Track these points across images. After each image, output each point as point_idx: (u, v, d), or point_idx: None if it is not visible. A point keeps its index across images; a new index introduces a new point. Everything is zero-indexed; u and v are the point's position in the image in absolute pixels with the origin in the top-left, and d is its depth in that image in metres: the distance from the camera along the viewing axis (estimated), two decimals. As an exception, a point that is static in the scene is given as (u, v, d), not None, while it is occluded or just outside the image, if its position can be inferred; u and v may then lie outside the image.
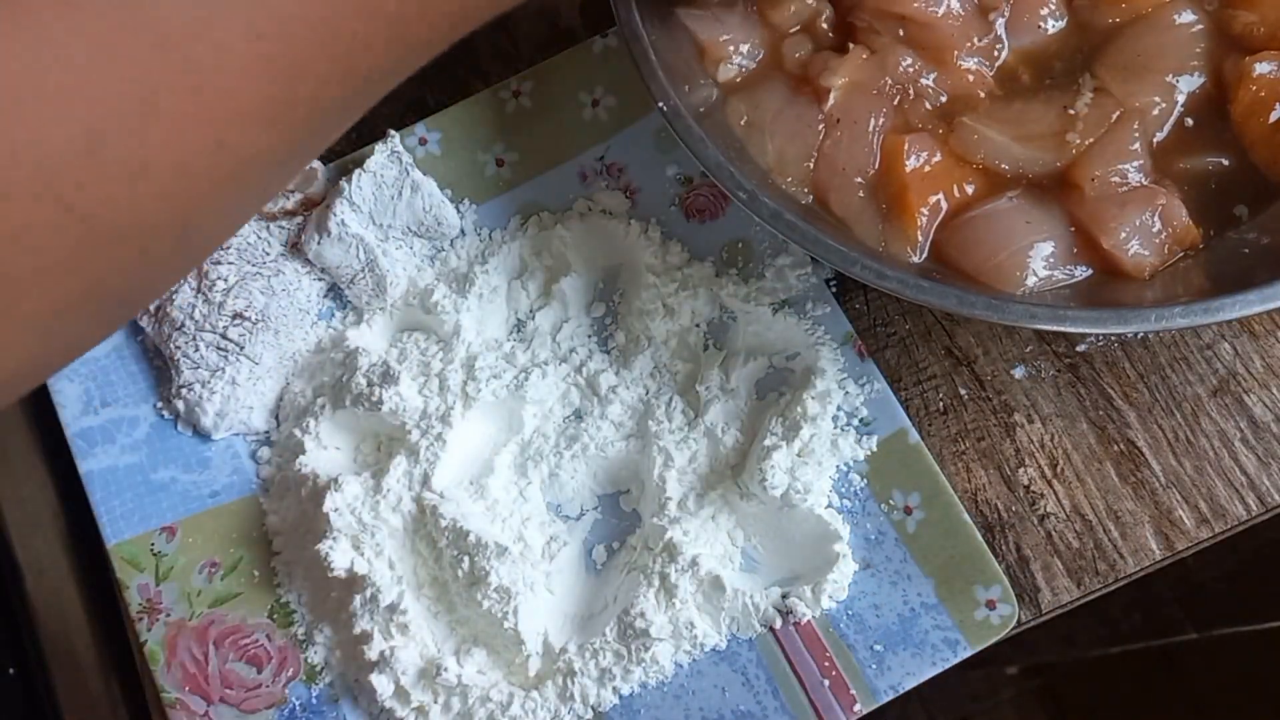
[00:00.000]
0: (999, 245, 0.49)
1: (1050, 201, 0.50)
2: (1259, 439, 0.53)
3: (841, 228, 0.51)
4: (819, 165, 0.52)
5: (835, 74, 0.52)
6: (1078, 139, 0.50)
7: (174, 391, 0.57)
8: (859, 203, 0.51)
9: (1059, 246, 0.49)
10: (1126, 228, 0.49)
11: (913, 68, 0.52)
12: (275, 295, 0.57)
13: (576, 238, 0.58)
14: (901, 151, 0.51)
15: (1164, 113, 0.51)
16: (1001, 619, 0.51)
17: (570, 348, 0.57)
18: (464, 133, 0.60)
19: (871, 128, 0.52)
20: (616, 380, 0.56)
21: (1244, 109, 0.50)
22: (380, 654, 0.51)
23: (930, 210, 0.50)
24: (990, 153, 0.51)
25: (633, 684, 0.52)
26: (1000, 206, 0.50)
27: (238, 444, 0.57)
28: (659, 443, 0.54)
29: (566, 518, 0.55)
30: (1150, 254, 0.49)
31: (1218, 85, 0.51)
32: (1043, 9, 0.53)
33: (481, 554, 0.51)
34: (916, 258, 0.50)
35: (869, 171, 0.52)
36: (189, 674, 0.54)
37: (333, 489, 0.53)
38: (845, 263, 0.47)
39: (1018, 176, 0.51)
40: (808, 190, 0.52)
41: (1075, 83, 0.52)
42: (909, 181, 0.50)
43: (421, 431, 0.54)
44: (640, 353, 0.56)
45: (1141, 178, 0.49)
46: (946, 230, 0.51)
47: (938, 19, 0.52)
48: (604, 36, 0.61)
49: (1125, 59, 0.52)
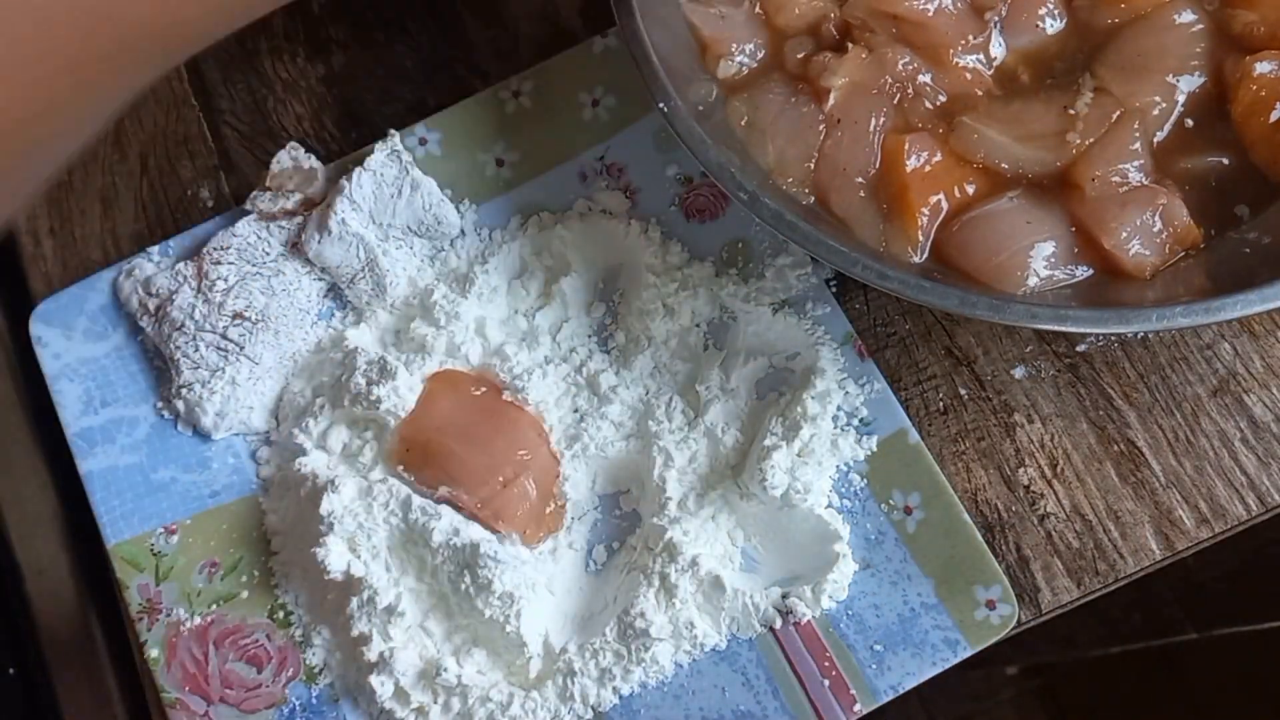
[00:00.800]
0: (1000, 245, 0.49)
1: (1051, 201, 0.50)
2: (1259, 439, 0.53)
3: (842, 228, 0.51)
4: (820, 165, 0.52)
5: (835, 74, 0.52)
6: (1078, 139, 0.50)
7: (174, 391, 0.57)
8: (860, 203, 0.51)
9: (1060, 246, 0.49)
10: (1127, 227, 0.48)
11: (911, 66, 0.52)
12: (275, 295, 0.57)
13: (576, 238, 0.58)
14: (902, 151, 0.51)
15: (1164, 112, 0.51)
16: (1001, 619, 0.51)
17: (570, 348, 0.57)
18: (464, 133, 0.60)
19: (872, 127, 0.52)
20: (616, 380, 0.56)
21: (1244, 109, 0.50)
22: (379, 655, 0.51)
23: (931, 210, 0.50)
24: (990, 152, 0.51)
25: (633, 684, 0.52)
26: (1001, 207, 0.50)
27: (238, 444, 0.57)
28: (659, 443, 0.54)
29: (567, 518, 0.55)
30: (1151, 254, 0.49)
31: (1218, 85, 0.51)
32: (1041, 9, 0.53)
33: (482, 563, 0.51)
34: (917, 258, 0.50)
35: (870, 172, 0.52)
36: (189, 674, 0.54)
37: (330, 490, 0.53)
38: (846, 263, 0.47)
39: (1018, 176, 0.51)
40: (808, 190, 0.52)
41: (1075, 82, 0.52)
42: (909, 181, 0.50)
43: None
44: (640, 353, 0.56)
45: (1142, 177, 0.49)
46: (947, 230, 0.50)
47: (929, 18, 0.52)
48: (604, 36, 0.61)
49: (1125, 59, 0.52)
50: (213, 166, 0.64)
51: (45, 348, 0.59)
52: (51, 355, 0.59)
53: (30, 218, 0.64)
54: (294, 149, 0.59)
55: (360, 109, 0.64)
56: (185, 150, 0.65)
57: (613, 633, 0.51)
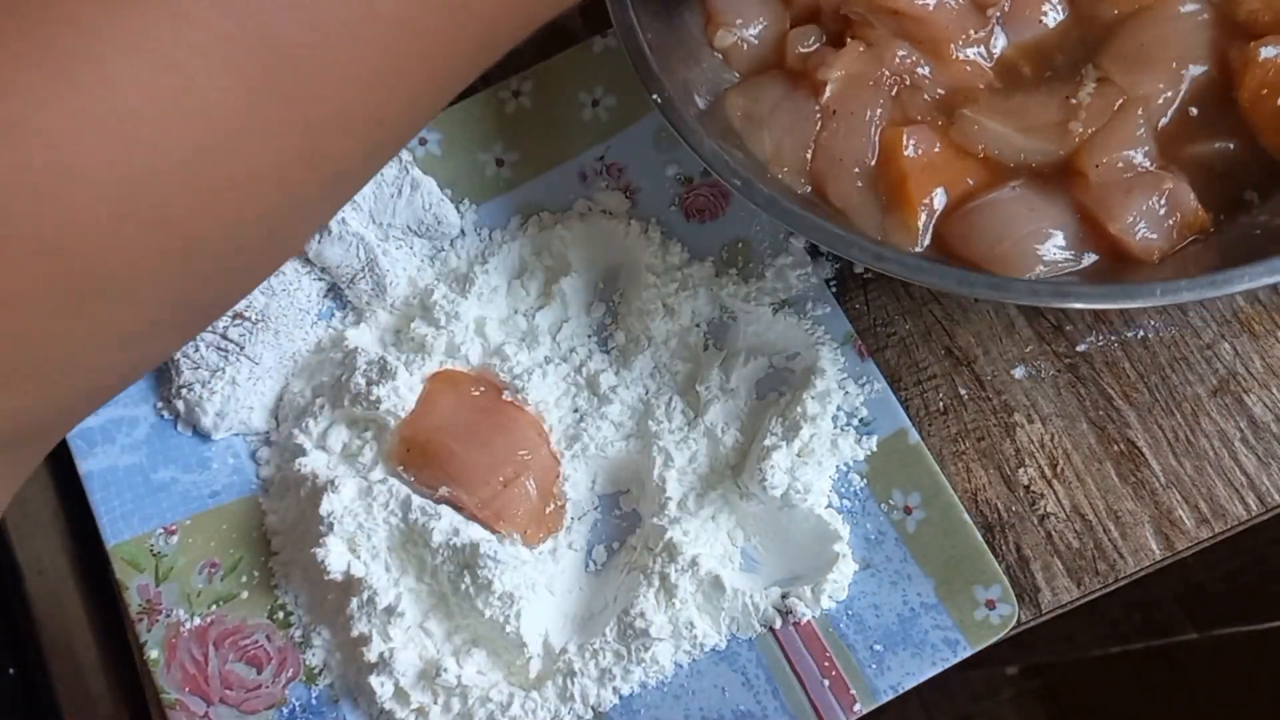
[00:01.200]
0: (1003, 233, 0.49)
1: (1054, 190, 0.50)
2: (1259, 439, 0.53)
3: (840, 218, 0.51)
4: (816, 156, 0.52)
5: (832, 67, 0.52)
6: (1081, 127, 0.50)
7: (174, 391, 0.57)
8: (858, 193, 0.51)
9: (1064, 233, 0.49)
10: (1133, 212, 0.48)
11: (909, 59, 0.52)
12: (275, 295, 0.57)
13: (576, 238, 0.58)
14: (900, 142, 0.50)
15: (1168, 100, 0.51)
16: (1001, 619, 0.51)
17: (570, 348, 0.57)
18: (464, 133, 0.60)
19: (869, 118, 0.51)
20: (616, 380, 0.56)
21: (1252, 93, 0.50)
22: (379, 655, 0.51)
23: (931, 201, 0.50)
24: (992, 143, 0.51)
25: (633, 684, 0.52)
26: (1003, 196, 0.50)
27: (238, 444, 0.57)
28: (659, 443, 0.54)
29: (567, 518, 0.55)
30: (1158, 238, 0.48)
31: (1222, 72, 0.51)
32: (1044, 4, 0.53)
33: (482, 563, 0.51)
34: (918, 248, 0.50)
35: (867, 162, 0.51)
36: (189, 675, 0.54)
37: (329, 490, 0.53)
38: (843, 245, 0.47)
39: (1020, 166, 0.51)
40: (805, 181, 0.52)
41: (1078, 74, 0.52)
42: (908, 172, 0.50)
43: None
44: (640, 353, 0.56)
45: (1147, 163, 0.49)
46: (949, 221, 0.50)
47: (930, 13, 0.52)
48: (603, 36, 0.61)
49: (1129, 49, 0.52)
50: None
51: (45, 348, 0.58)
52: (51, 355, 0.58)
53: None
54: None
55: (360, 109, 0.64)
56: (185, 150, 0.64)
57: (613, 633, 0.51)
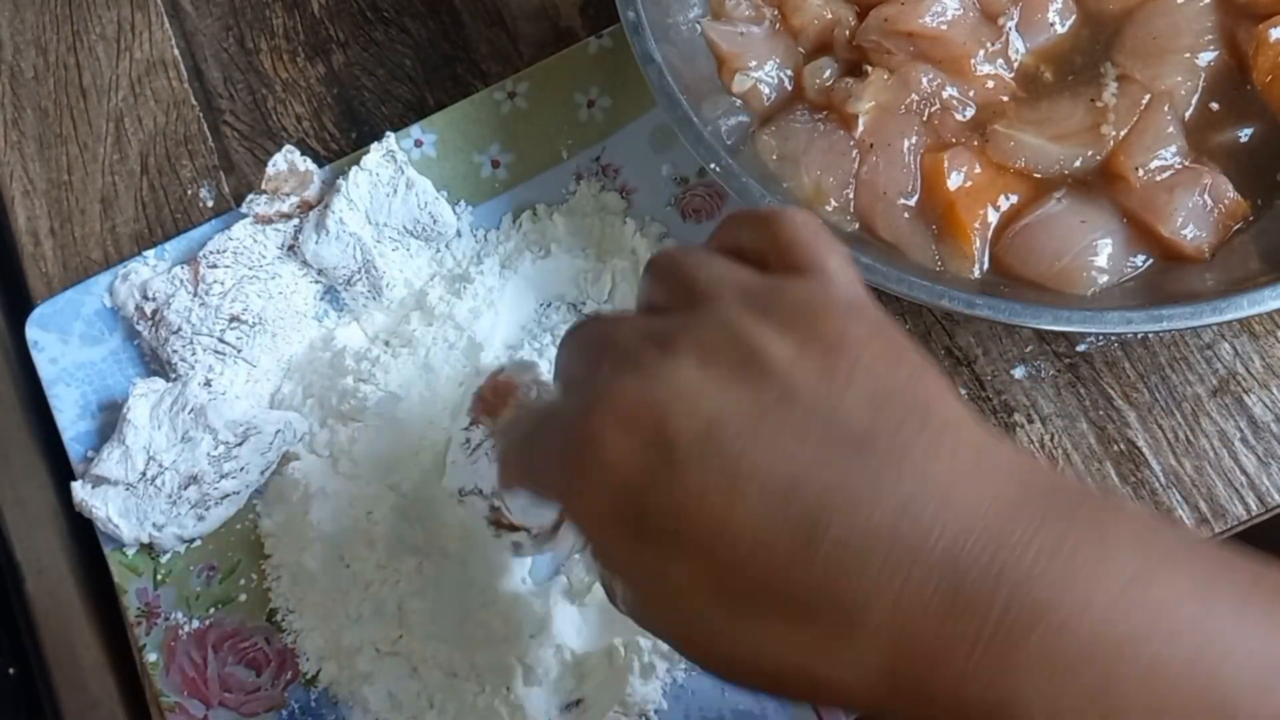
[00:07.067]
0: (1061, 249, 0.49)
1: (1098, 196, 0.50)
2: (1259, 439, 0.53)
3: (893, 252, 0.51)
4: (859, 192, 0.52)
5: (861, 99, 0.52)
6: (1113, 130, 0.50)
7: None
8: (907, 225, 0.51)
9: (1117, 241, 0.49)
10: (1181, 211, 0.49)
11: (935, 81, 0.52)
12: (272, 298, 0.57)
13: (571, 232, 0.58)
14: (942, 169, 0.50)
15: (1190, 91, 0.51)
16: (1000, 620, 0.50)
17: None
18: (459, 134, 0.60)
19: (906, 148, 0.51)
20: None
21: (1266, 73, 0.50)
22: (374, 659, 0.51)
23: (982, 224, 0.50)
24: (1029, 156, 0.51)
25: (633, 684, 0.52)
26: (1051, 210, 0.50)
27: (236, 446, 0.57)
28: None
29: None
30: (1207, 233, 0.49)
31: (1234, 56, 0.51)
32: (1050, 6, 0.53)
33: (482, 564, 0.51)
34: (977, 273, 0.50)
35: (912, 193, 0.51)
36: (188, 678, 0.54)
37: (321, 495, 0.53)
38: (931, 296, 0.46)
39: (1060, 176, 0.51)
40: (851, 217, 0.52)
41: (1098, 73, 0.52)
42: (955, 198, 0.50)
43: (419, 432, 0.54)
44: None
45: (1181, 159, 0.50)
46: (1002, 242, 0.50)
47: (945, 31, 0.52)
48: (598, 37, 0.61)
49: (1141, 43, 0.52)
50: (213, 166, 0.64)
51: (42, 352, 0.59)
52: (48, 360, 0.59)
53: (30, 218, 0.64)
54: (290, 152, 0.59)
55: (360, 109, 0.64)
56: (185, 150, 0.65)
57: (614, 633, 0.51)
